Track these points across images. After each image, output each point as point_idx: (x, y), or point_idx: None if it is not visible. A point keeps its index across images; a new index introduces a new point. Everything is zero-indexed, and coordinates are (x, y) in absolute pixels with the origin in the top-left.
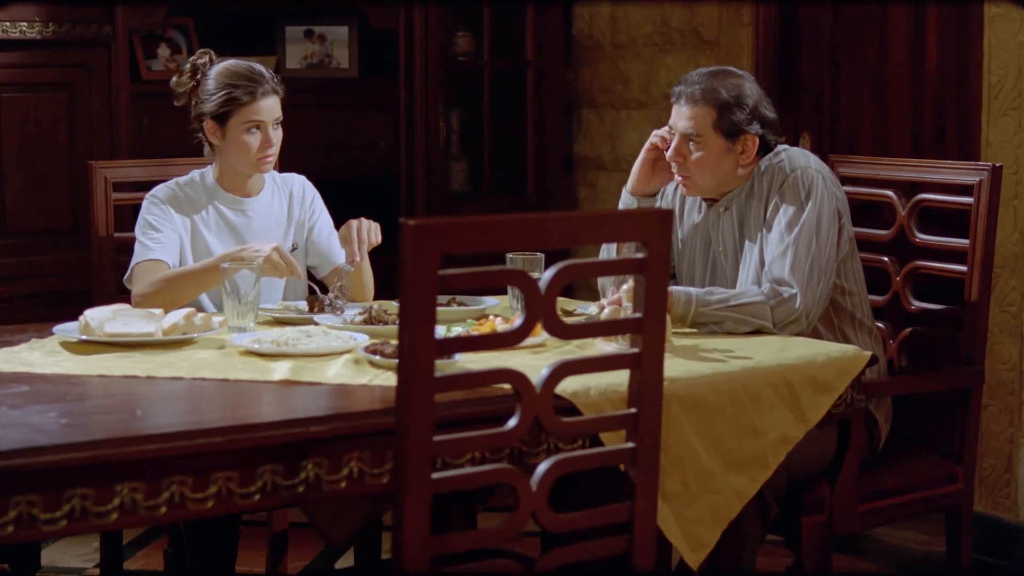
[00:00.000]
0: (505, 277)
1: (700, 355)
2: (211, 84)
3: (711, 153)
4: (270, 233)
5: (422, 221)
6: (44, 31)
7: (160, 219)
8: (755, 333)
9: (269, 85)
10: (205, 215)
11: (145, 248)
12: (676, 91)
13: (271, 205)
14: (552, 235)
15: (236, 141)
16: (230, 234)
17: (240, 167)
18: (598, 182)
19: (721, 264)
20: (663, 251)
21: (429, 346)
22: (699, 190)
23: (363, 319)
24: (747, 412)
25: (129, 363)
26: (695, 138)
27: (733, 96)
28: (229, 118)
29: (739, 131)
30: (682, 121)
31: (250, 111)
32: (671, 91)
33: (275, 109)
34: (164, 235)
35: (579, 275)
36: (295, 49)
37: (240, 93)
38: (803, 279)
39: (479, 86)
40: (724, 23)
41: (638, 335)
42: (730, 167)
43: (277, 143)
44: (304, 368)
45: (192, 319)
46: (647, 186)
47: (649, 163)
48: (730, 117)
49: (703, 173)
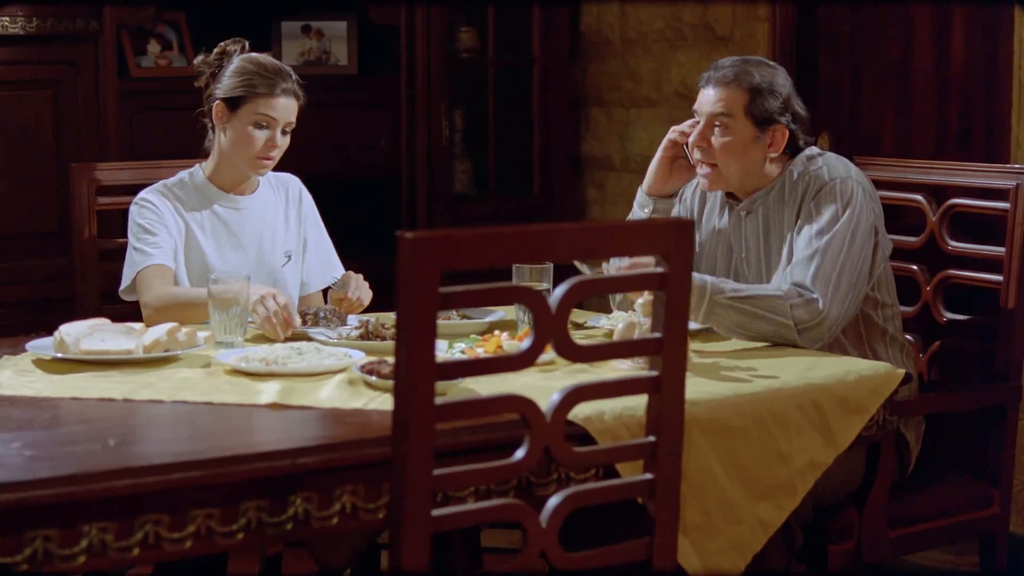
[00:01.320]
0: (511, 295)
1: (722, 374)
2: (234, 67)
3: (738, 139)
4: (265, 235)
5: (421, 234)
6: (28, 26)
7: (153, 222)
8: (778, 348)
9: (292, 86)
10: (198, 215)
11: (144, 255)
12: (704, 76)
13: (267, 205)
14: (563, 248)
15: (241, 132)
16: (226, 234)
17: (237, 161)
18: (607, 183)
19: (743, 272)
20: (684, 265)
21: (428, 372)
22: (723, 182)
23: (359, 334)
24: (773, 436)
25: (106, 384)
26: (723, 119)
27: (767, 83)
28: (241, 105)
29: (770, 119)
30: (709, 103)
31: (265, 104)
32: (699, 78)
33: (290, 112)
34: (160, 238)
35: (593, 291)
36: (292, 45)
37: (260, 82)
38: (827, 287)
39: (483, 84)
40: (739, 18)
41: (657, 356)
42: (757, 159)
43: (282, 148)
44: (294, 390)
45: (175, 335)
46: (664, 186)
47: (667, 161)
48: (762, 103)
49: (729, 161)
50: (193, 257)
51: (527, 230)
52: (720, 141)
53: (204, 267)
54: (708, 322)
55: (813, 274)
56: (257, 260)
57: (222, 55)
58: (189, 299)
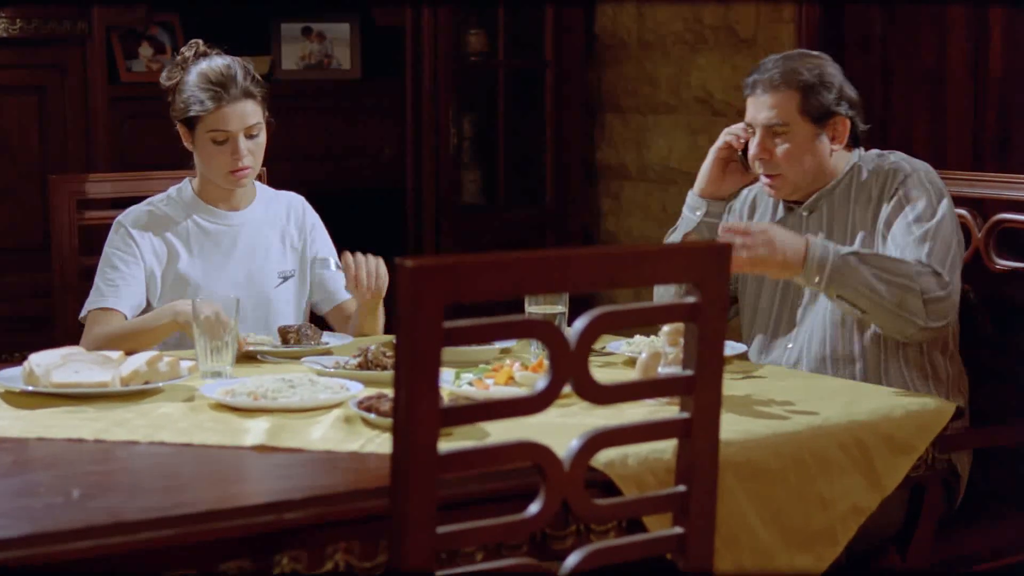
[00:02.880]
0: (524, 329)
1: (756, 410)
2: (185, 84)
3: (800, 142)
4: (258, 254)
5: (422, 262)
6: (11, 28)
7: (122, 254)
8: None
9: (238, 89)
10: (184, 233)
11: (99, 293)
12: (749, 81)
13: (261, 221)
14: (583, 276)
15: (204, 151)
16: (213, 252)
17: (214, 179)
18: (623, 193)
19: None
20: (719, 294)
21: (431, 419)
22: (791, 188)
23: (358, 363)
24: (813, 479)
25: (77, 420)
26: (780, 128)
27: (816, 75)
28: (195, 125)
29: (828, 112)
30: (762, 112)
31: (213, 120)
32: (743, 83)
33: (246, 116)
34: (123, 275)
35: (618, 324)
36: (292, 48)
37: (204, 97)
38: (944, 267)
39: (493, 88)
40: (763, 20)
41: (689, 396)
42: (823, 156)
43: (255, 154)
44: (284, 428)
45: (156, 365)
46: (718, 188)
47: (720, 162)
48: (816, 98)
49: (795, 167)
50: (176, 278)
51: (543, 257)
52: (782, 149)
53: (188, 288)
54: (832, 283)
55: (928, 253)
56: (247, 280)
57: (182, 66)
58: (120, 333)
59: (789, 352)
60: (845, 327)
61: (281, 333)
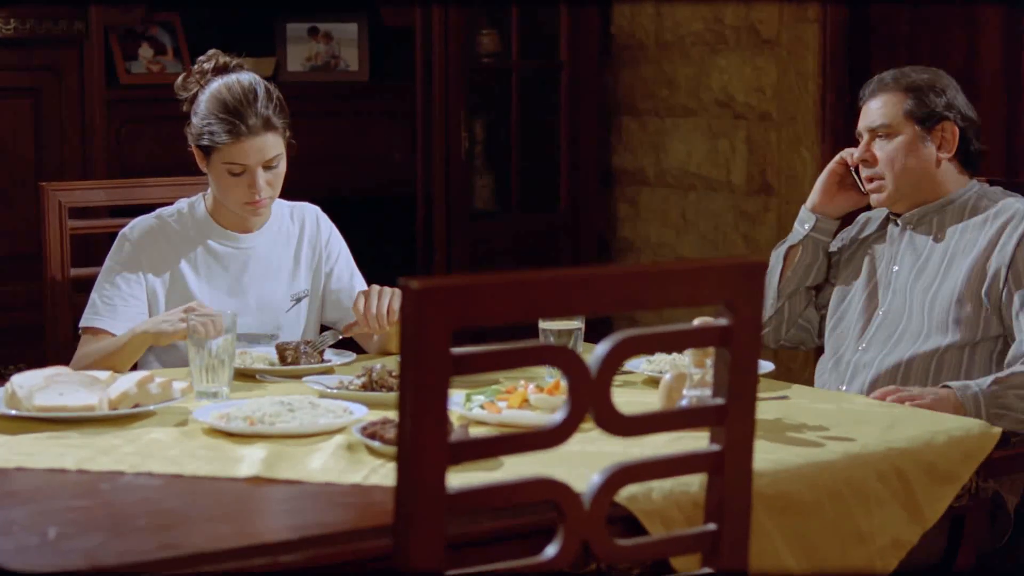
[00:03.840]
0: (541, 356)
1: (788, 436)
2: (200, 106)
3: (903, 144)
4: (270, 277)
5: (429, 284)
6: (4, 28)
7: (124, 270)
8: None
9: (258, 120)
10: (192, 254)
11: (93, 310)
12: (862, 93)
13: (274, 243)
14: (604, 298)
15: (219, 180)
16: (222, 276)
17: (228, 207)
18: (640, 199)
19: (883, 285)
20: (753, 315)
21: (439, 456)
22: (894, 196)
23: (362, 383)
24: (851, 512)
25: (61, 447)
26: (884, 129)
27: (925, 81)
28: (211, 153)
29: (935, 116)
30: (869, 116)
31: (230, 153)
32: (859, 95)
33: (265, 149)
34: (122, 294)
35: (643, 349)
36: (297, 49)
37: (220, 128)
38: None
39: (506, 91)
40: (786, 19)
41: (720, 428)
42: (928, 164)
43: (274, 184)
44: (282, 456)
45: (146, 386)
46: (830, 203)
47: (835, 177)
48: (923, 99)
49: (896, 171)
50: (181, 301)
51: (560, 278)
52: (884, 151)
53: None
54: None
55: None
56: (257, 306)
57: (198, 76)
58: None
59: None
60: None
61: (279, 351)
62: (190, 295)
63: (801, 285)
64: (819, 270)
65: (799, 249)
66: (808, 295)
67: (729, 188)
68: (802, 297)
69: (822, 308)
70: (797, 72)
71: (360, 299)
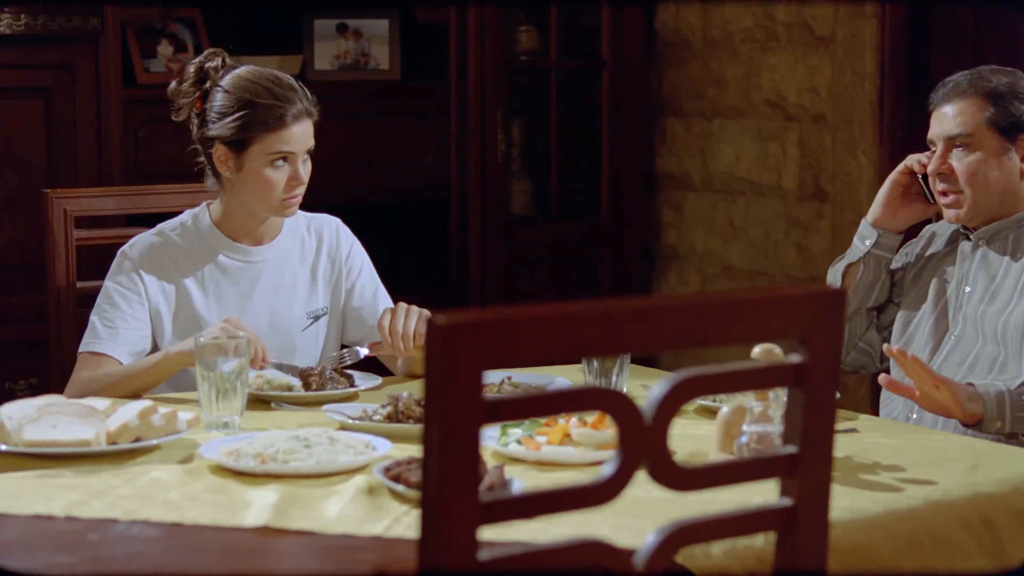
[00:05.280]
0: (587, 401)
1: (861, 479)
2: (225, 99)
3: (984, 157)
4: (283, 293)
5: (458, 319)
6: (14, 24)
7: (124, 291)
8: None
9: (303, 104)
10: (198, 270)
11: (93, 334)
12: (934, 97)
13: (289, 256)
14: (659, 334)
15: (256, 176)
16: (231, 293)
17: (259, 208)
18: (685, 205)
19: (954, 306)
20: (831, 352)
21: (469, 518)
22: (972, 211)
23: (387, 413)
24: (932, 565)
25: (50, 489)
26: (963, 139)
27: (1007, 85)
28: (248, 146)
29: (1020, 126)
30: (944, 123)
31: (278, 139)
32: (929, 99)
33: (309, 136)
34: (123, 316)
35: (707, 390)
36: (325, 47)
37: (266, 114)
38: None
39: (545, 91)
40: (842, 15)
41: (792, 479)
42: (1011, 178)
43: (307, 179)
44: (295, 501)
45: (149, 418)
46: (893, 217)
47: (897, 188)
48: (1006, 107)
49: (977, 186)
50: (188, 321)
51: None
52: (964, 163)
53: None
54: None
55: None
56: (270, 325)
57: (202, 77)
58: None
59: None
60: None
61: (302, 376)
62: (196, 315)
63: (863, 306)
64: (882, 289)
65: (859, 267)
66: (870, 316)
67: (780, 194)
68: (863, 319)
69: (885, 330)
70: (853, 71)
71: (385, 316)
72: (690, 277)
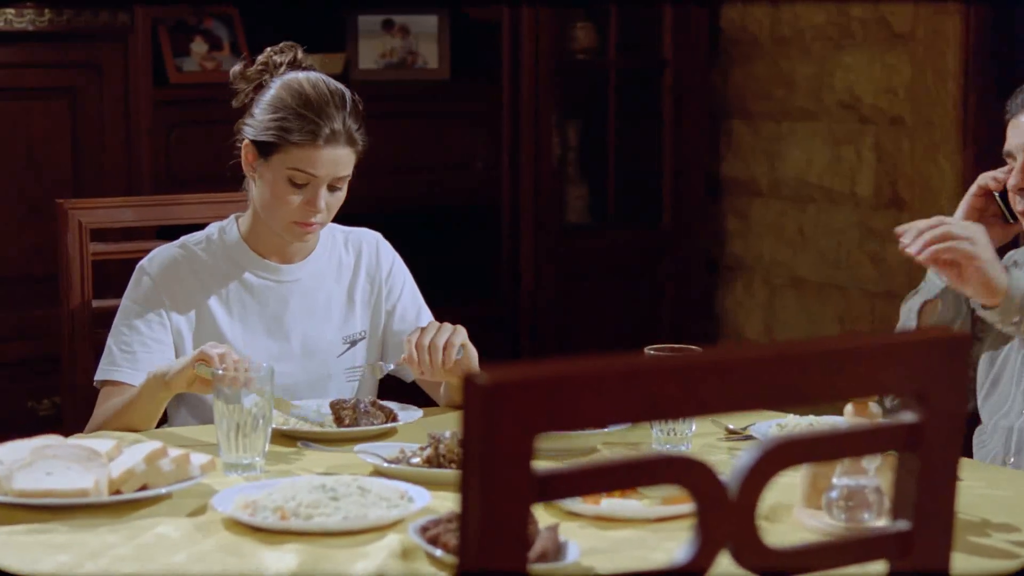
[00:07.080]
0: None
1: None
2: (271, 98)
3: None
4: (317, 315)
5: (503, 377)
6: (38, 20)
7: (144, 309)
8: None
9: (344, 128)
10: (223, 289)
11: (110, 360)
12: (1011, 105)
13: (323, 275)
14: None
15: (271, 187)
16: (258, 315)
17: (268, 221)
18: (751, 212)
19: None
20: (953, 410)
21: None
22: None
23: (426, 456)
24: None
25: (39, 548)
26: None
27: None
28: (273, 152)
29: None
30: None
31: (301, 157)
32: (1006, 107)
33: (340, 165)
34: (142, 339)
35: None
36: (370, 44)
37: (297, 125)
38: None
39: (602, 91)
40: (922, 11)
41: (904, 560)
42: None
43: (331, 209)
44: (318, 565)
45: (157, 463)
46: None
47: (974, 212)
48: None
49: None
50: None
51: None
52: None
53: None
54: None
55: None
56: (302, 351)
57: (265, 68)
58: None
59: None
60: None
61: (334, 410)
62: (220, 337)
63: None
64: (963, 326)
65: (937, 304)
66: None
67: (854, 201)
68: None
69: (971, 367)
70: (935, 70)
71: (415, 331)
72: (757, 289)
